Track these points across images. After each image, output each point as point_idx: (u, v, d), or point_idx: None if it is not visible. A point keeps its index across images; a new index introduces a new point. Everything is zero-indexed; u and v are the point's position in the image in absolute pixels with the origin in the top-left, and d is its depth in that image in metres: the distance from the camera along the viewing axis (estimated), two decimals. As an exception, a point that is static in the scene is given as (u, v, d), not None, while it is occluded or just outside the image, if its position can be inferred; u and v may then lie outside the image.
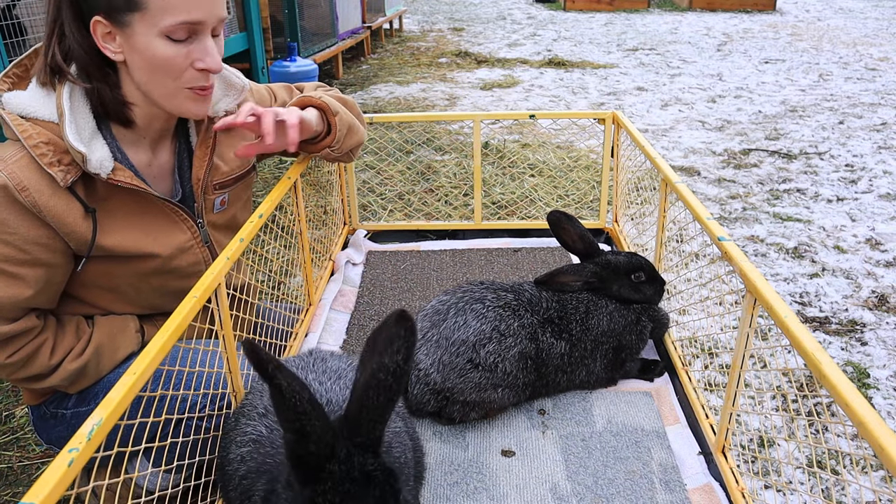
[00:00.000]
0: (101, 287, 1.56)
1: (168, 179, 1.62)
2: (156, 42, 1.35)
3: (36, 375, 1.49)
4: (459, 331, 1.64)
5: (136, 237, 1.51)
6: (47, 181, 1.35)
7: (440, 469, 1.57)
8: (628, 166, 2.46)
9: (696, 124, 6.20)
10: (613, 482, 1.50)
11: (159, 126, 1.54)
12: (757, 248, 3.77)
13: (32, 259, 1.38)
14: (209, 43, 1.41)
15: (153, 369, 1.08)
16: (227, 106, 1.65)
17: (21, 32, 3.46)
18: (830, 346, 2.88)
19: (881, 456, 0.90)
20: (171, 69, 1.39)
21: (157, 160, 1.58)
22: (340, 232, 2.67)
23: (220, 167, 1.68)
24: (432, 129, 5.80)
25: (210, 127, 1.61)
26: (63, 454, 0.87)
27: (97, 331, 1.57)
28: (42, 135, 1.35)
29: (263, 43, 6.03)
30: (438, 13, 14.52)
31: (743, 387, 1.42)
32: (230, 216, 1.76)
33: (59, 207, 1.37)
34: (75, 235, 1.41)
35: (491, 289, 1.75)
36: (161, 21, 1.33)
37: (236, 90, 1.66)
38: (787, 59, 9.12)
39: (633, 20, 12.96)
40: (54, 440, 1.69)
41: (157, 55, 1.36)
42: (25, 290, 1.39)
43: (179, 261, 1.60)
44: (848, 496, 2.10)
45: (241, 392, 1.45)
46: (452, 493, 1.49)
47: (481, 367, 1.62)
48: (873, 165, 5.07)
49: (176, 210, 1.56)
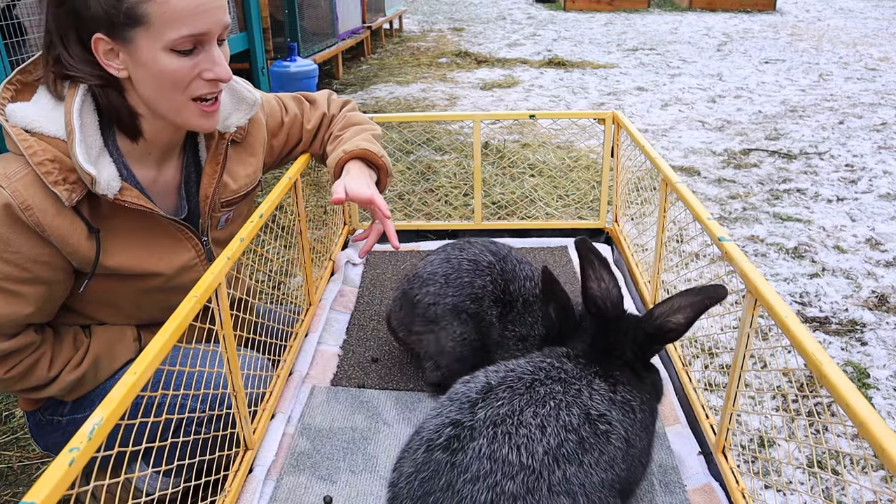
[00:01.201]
0: (101, 303, 1.54)
1: (173, 196, 1.59)
2: (161, 56, 1.31)
3: (34, 387, 1.48)
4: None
5: (141, 257, 1.49)
6: (52, 200, 1.32)
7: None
8: (628, 166, 2.46)
9: (696, 124, 6.20)
10: (613, 482, 1.50)
11: (167, 139, 1.50)
12: (757, 248, 3.78)
13: (33, 277, 1.36)
14: (216, 52, 1.37)
15: (153, 369, 1.08)
16: (238, 121, 1.61)
17: (21, 32, 3.46)
18: (830, 346, 2.88)
19: (881, 456, 0.90)
20: (179, 82, 1.35)
21: (163, 176, 1.55)
22: (340, 232, 2.67)
23: (230, 185, 1.65)
24: (432, 129, 5.80)
25: (220, 143, 1.58)
26: (63, 454, 0.87)
27: (95, 341, 1.55)
28: (48, 152, 1.31)
29: (263, 43, 6.03)
30: (438, 13, 14.51)
31: (743, 387, 1.42)
32: (230, 232, 1.72)
33: (63, 227, 1.34)
34: (78, 255, 1.39)
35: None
36: (165, 35, 1.29)
37: (248, 104, 1.63)
38: (787, 59, 9.12)
39: (633, 20, 12.96)
40: (51, 446, 1.67)
41: (164, 69, 1.32)
42: (25, 307, 1.37)
43: (182, 278, 1.57)
44: (848, 496, 2.10)
45: (241, 392, 1.45)
46: (452, 493, 1.49)
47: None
48: (873, 165, 5.08)
49: (181, 229, 1.54)
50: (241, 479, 1.47)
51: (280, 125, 1.87)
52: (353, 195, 1.72)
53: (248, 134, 1.72)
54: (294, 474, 1.53)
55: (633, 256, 2.39)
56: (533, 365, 1.26)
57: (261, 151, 1.78)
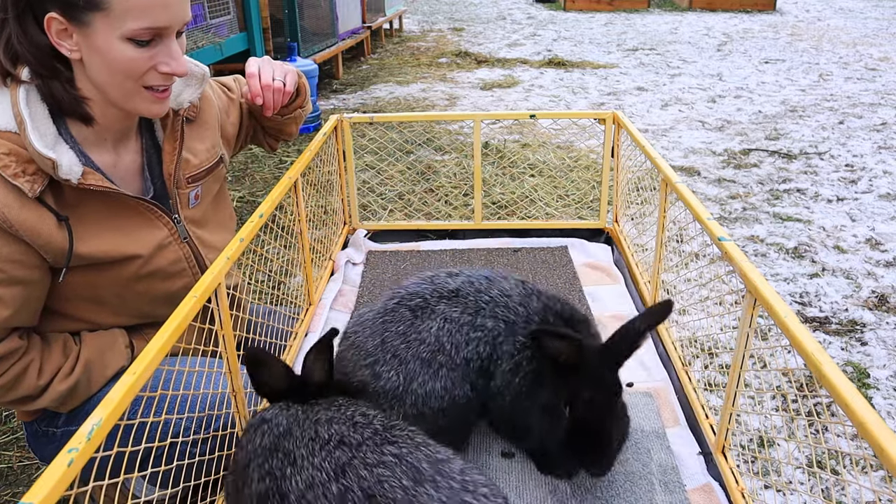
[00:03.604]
0: (84, 299, 1.52)
1: (137, 179, 1.58)
2: (117, 44, 1.30)
3: (25, 397, 1.46)
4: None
5: (114, 240, 1.47)
6: (14, 194, 1.30)
7: (440, 469, 1.57)
8: (628, 166, 2.46)
9: (696, 124, 6.20)
10: (613, 484, 1.50)
11: (119, 125, 1.49)
12: (757, 248, 3.77)
13: (8, 278, 1.34)
14: (174, 46, 1.37)
15: (153, 369, 1.08)
16: (190, 96, 1.60)
17: None
18: (830, 346, 2.88)
19: (881, 456, 0.90)
20: (133, 72, 1.34)
21: (123, 160, 1.54)
22: (340, 232, 2.67)
23: (191, 160, 1.64)
24: (432, 129, 5.80)
25: (176, 121, 1.58)
26: (63, 454, 0.87)
27: (85, 347, 1.53)
28: (2, 146, 1.29)
29: (263, 43, 6.03)
30: (438, 13, 14.51)
31: (743, 387, 1.42)
32: (203, 210, 1.72)
33: (31, 220, 1.32)
34: (51, 247, 1.36)
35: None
36: (124, 24, 1.28)
37: (197, 78, 1.62)
38: (787, 59, 9.12)
39: (633, 20, 12.96)
40: (47, 457, 1.66)
41: (118, 58, 1.31)
42: (3, 310, 1.35)
43: (160, 259, 1.56)
44: (848, 496, 2.10)
45: (241, 392, 1.45)
46: (452, 494, 1.49)
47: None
48: (873, 165, 5.07)
49: (150, 208, 1.53)
50: (240, 479, 1.47)
51: (230, 101, 1.86)
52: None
53: (201, 111, 1.71)
54: (294, 474, 1.52)
55: (633, 256, 2.39)
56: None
57: (216, 126, 1.76)
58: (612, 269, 2.40)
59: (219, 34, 5.46)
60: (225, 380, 1.42)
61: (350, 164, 2.60)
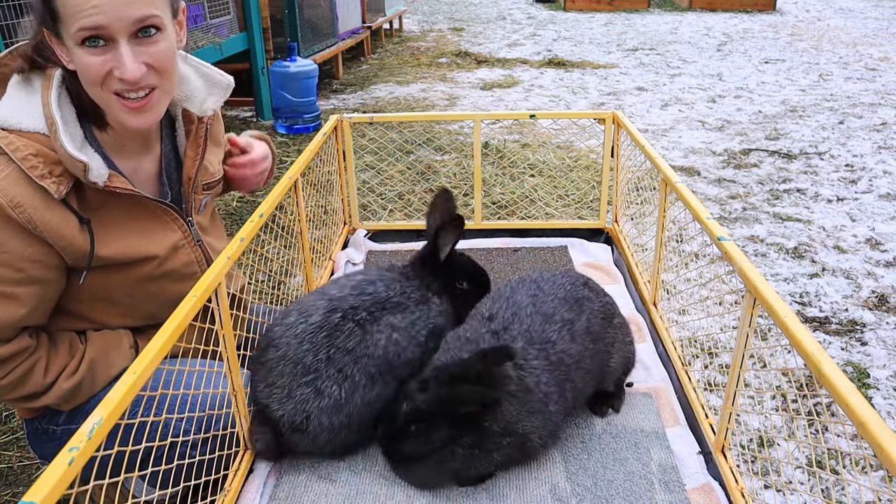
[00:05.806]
0: (96, 299, 1.53)
1: (154, 183, 1.60)
2: (76, 50, 1.31)
3: (30, 395, 1.47)
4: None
5: (134, 242, 1.49)
6: (40, 195, 1.31)
7: (440, 469, 1.57)
8: (628, 166, 2.46)
9: (696, 124, 6.20)
10: (613, 483, 1.50)
11: (134, 132, 1.51)
12: (757, 248, 3.78)
13: (27, 277, 1.35)
14: (122, 50, 1.31)
15: (153, 368, 1.08)
16: (214, 105, 1.62)
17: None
18: (830, 346, 2.89)
19: (881, 456, 0.90)
20: (92, 77, 1.33)
21: (143, 167, 1.57)
22: (340, 232, 2.67)
23: (209, 168, 1.68)
24: (432, 129, 5.80)
25: (200, 127, 1.60)
26: (63, 453, 0.87)
27: (90, 347, 1.54)
28: (30, 147, 1.30)
29: (263, 43, 6.03)
30: (438, 13, 14.51)
31: (743, 387, 1.42)
32: (207, 219, 1.76)
33: (56, 221, 1.33)
34: (73, 249, 1.38)
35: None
36: (70, 28, 1.28)
37: (221, 88, 1.64)
38: (787, 59, 9.12)
39: (633, 20, 12.96)
40: (47, 455, 1.66)
41: (79, 63, 1.33)
42: (20, 308, 1.36)
43: (174, 261, 1.58)
44: (848, 496, 2.11)
45: (240, 392, 1.45)
46: (452, 493, 1.49)
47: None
48: (873, 165, 5.08)
49: (167, 210, 1.55)
50: (240, 478, 1.47)
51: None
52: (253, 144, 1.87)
53: (213, 128, 1.73)
54: (294, 474, 1.53)
55: (632, 256, 2.39)
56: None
57: (223, 143, 1.81)
58: (611, 269, 2.40)
59: (219, 34, 5.46)
60: (225, 380, 1.42)
61: (350, 164, 2.61)
